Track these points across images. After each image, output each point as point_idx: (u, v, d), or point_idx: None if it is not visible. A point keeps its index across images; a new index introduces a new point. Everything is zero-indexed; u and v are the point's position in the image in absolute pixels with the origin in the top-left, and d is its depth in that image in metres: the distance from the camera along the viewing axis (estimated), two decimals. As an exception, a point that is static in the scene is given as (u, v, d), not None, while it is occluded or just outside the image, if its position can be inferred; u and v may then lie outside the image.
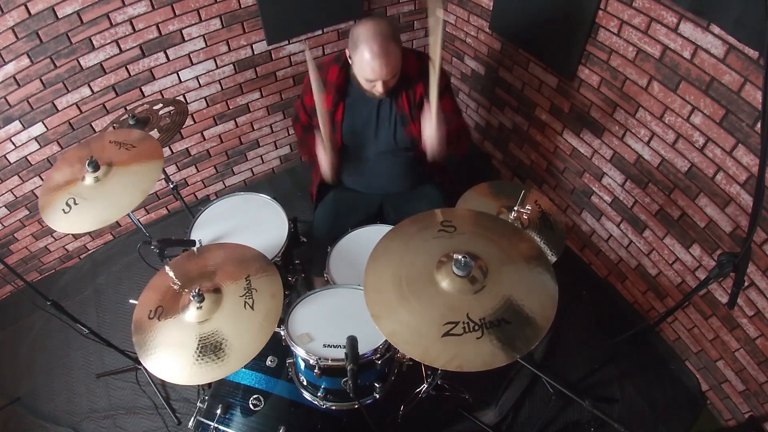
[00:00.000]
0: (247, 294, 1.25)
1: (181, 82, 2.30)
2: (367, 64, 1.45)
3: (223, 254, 1.39)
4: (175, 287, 1.23)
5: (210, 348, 1.15)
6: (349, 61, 1.55)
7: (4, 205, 2.26)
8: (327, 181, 1.74)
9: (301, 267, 1.84)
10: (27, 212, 2.35)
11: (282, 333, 1.34)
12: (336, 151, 1.67)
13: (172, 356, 1.16)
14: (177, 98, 2.31)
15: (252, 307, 1.22)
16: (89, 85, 2.10)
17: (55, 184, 1.44)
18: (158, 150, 1.48)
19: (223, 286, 1.27)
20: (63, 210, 1.36)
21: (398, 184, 1.87)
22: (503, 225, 1.32)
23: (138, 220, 1.91)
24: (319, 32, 2.47)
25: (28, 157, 2.17)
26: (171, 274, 1.21)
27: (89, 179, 1.40)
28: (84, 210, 1.36)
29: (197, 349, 1.15)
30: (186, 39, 2.17)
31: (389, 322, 1.04)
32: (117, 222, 2.67)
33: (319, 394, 1.39)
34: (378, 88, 1.53)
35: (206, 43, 2.23)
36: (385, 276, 1.12)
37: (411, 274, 1.11)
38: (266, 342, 1.16)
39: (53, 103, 2.07)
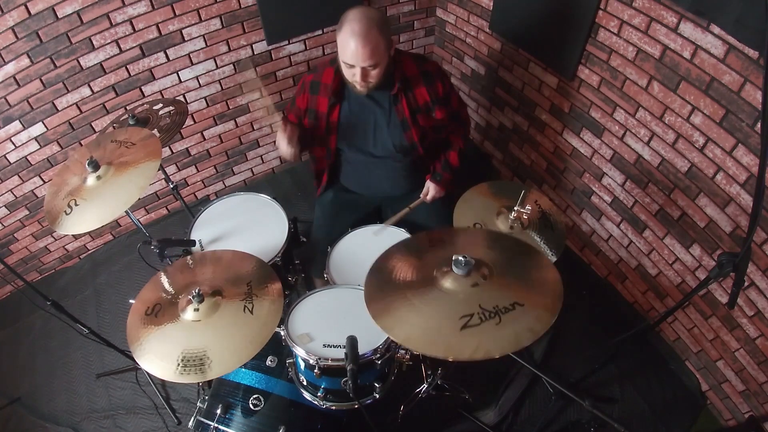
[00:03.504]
0: (247, 299, 1.25)
1: (181, 82, 2.30)
2: (346, 44, 1.41)
3: (223, 261, 1.40)
4: (167, 296, 1.23)
5: (194, 361, 1.14)
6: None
7: (4, 205, 2.26)
8: (288, 159, 1.67)
9: (301, 267, 1.84)
10: (27, 212, 2.35)
11: (282, 333, 1.34)
12: (296, 132, 1.60)
13: (160, 357, 1.16)
14: (177, 98, 2.31)
15: (251, 312, 1.22)
16: (89, 85, 2.10)
17: (57, 190, 1.44)
18: (156, 145, 1.47)
19: (224, 290, 1.28)
20: (65, 212, 1.35)
21: (397, 187, 1.87)
22: (490, 234, 1.37)
23: (138, 220, 1.91)
24: (319, 32, 2.47)
25: (28, 157, 2.17)
26: (165, 281, 1.21)
27: (91, 179, 1.40)
28: (85, 210, 1.36)
29: (180, 360, 1.14)
30: (186, 39, 2.17)
31: (402, 329, 1.04)
32: (117, 222, 2.67)
33: (319, 394, 1.39)
34: (357, 77, 1.48)
35: (206, 43, 2.23)
36: (386, 290, 1.12)
37: (414, 286, 1.12)
38: (263, 345, 1.17)
39: (53, 103, 2.07)
